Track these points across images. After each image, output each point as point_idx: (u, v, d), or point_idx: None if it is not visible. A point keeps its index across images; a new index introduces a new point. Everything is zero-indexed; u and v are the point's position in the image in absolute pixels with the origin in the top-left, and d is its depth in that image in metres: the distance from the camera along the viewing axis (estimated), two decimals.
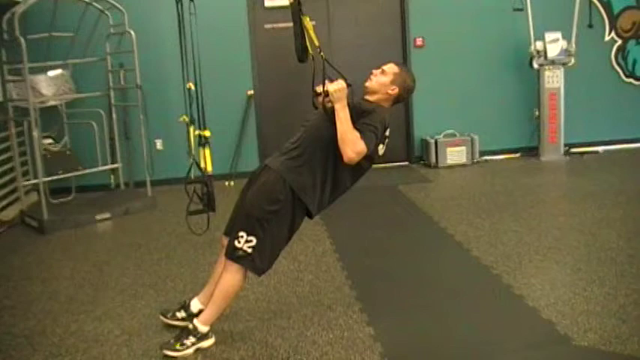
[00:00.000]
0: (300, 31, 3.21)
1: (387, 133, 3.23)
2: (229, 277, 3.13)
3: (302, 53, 3.25)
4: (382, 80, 3.26)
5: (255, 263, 3.11)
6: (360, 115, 3.10)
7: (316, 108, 3.13)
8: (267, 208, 3.07)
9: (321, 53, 3.14)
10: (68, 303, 4.00)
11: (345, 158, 3.00)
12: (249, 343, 3.27)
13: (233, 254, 3.09)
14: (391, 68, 3.30)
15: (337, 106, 3.03)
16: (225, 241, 3.28)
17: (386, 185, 6.73)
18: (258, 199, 3.12)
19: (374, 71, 3.32)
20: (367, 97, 3.29)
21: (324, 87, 3.06)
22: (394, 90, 3.26)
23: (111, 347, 3.33)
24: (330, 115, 3.08)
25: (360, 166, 3.17)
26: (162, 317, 3.53)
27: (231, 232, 3.17)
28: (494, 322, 3.43)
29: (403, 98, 3.37)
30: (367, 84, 3.30)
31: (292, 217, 3.13)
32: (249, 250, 3.06)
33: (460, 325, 3.40)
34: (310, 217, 3.24)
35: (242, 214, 3.17)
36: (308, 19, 3.18)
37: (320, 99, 3.11)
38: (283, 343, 3.26)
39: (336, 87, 3.03)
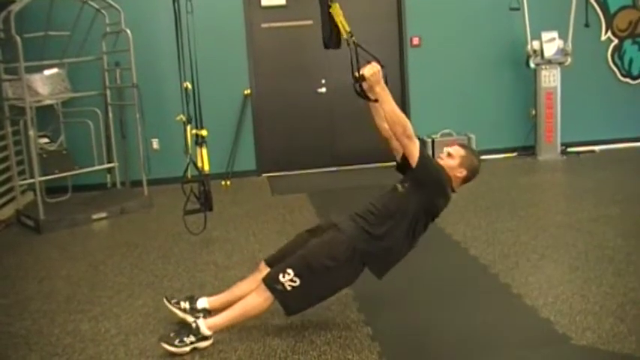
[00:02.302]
0: (327, 18, 3.19)
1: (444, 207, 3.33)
2: (258, 301, 3.18)
3: (328, 40, 3.23)
4: (450, 164, 3.32)
5: (289, 302, 3.16)
6: None
7: (359, 94, 3.13)
8: (324, 262, 3.14)
9: (353, 38, 3.13)
10: (65, 302, 3.98)
11: (397, 136, 3.12)
12: (246, 342, 3.26)
13: (272, 284, 3.14)
14: (458, 151, 3.35)
15: (377, 89, 3.06)
16: (264, 268, 3.36)
17: (383, 185, 6.65)
18: (320, 250, 3.19)
19: (441, 155, 3.39)
20: None
21: (359, 72, 3.05)
22: (462, 172, 3.32)
23: (108, 347, 3.32)
24: (371, 99, 3.11)
25: (429, 223, 3.32)
26: (165, 300, 3.54)
27: (280, 264, 3.20)
28: (492, 321, 3.42)
29: (470, 179, 3.42)
30: None
31: (344, 279, 3.24)
32: (289, 288, 3.11)
33: (458, 324, 3.40)
34: (379, 278, 3.34)
35: (299, 255, 3.22)
36: (338, 5, 3.17)
37: (358, 85, 3.10)
38: (281, 342, 3.25)
39: (372, 70, 3.04)
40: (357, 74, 3.06)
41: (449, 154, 3.35)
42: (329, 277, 3.17)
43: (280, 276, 3.12)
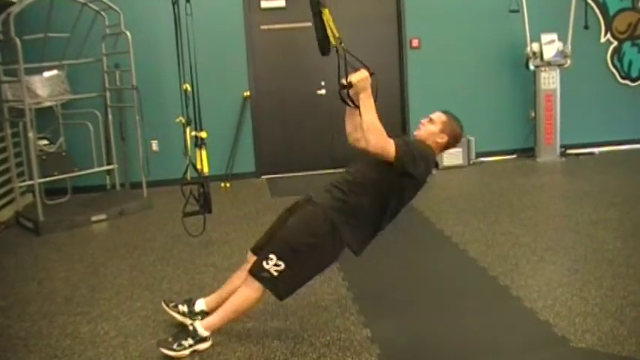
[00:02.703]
0: (320, 23, 3.18)
1: (428, 178, 3.27)
2: (247, 293, 3.14)
3: (324, 46, 3.22)
4: (431, 129, 3.30)
5: (278, 287, 3.11)
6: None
7: (344, 101, 3.11)
8: (304, 240, 3.09)
9: (342, 44, 3.12)
10: (64, 304, 3.98)
11: (367, 145, 2.98)
12: (245, 344, 3.26)
13: (258, 273, 3.10)
14: (439, 117, 3.34)
15: (362, 96, 3.03)
16: (251, 257, 3.32)
17: None
18: (298, 228, 3.14)
19: (422, 120, 3.36)
20: None
21: (346, 78, 3.04)
22: (443, 138, 3.30)
23: (107, 349, 3.32)
24: (356, 106, 3.06)
25: (406, 198, 3.24)
26: (163, 304, 3.54)
27: (262, 251, 3.17)
28: (491, 323, 3.42)
29: (451, 146, 3.40)
30: (416, 132, 3.34)
31: (328, 253, 3.16)
32: (275, 274, 3.07)
33: (458, 326, 3.40)
34: (356, 254, 3.25)
35: (278, 237, 3.18)
36: (328, 11, 3.16)
37: (345, 91, 3.08)
38: (280, 344, 3.25)
39: (360, 77, 3.03)
40: (344, 81, 3.05)
41: (430, 120, 3.32)
42: (312, 254, 3.11)
43: (264, 263, 3.07)
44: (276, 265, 3.06)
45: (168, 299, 3.60)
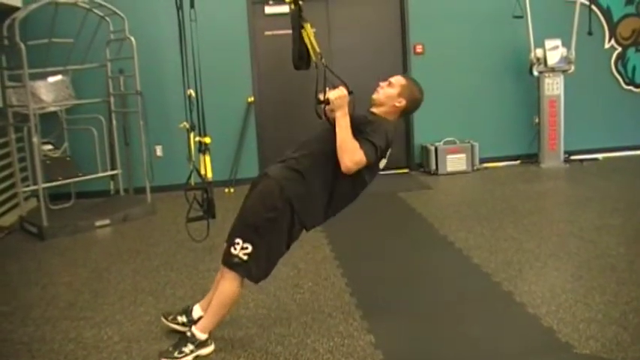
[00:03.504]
0: (297, 37, 3.18)
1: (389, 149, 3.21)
2: (226, 285, 3.12)
3: (298, 60, 3.22)
4: (389, 92, 3.24)
5: (251, 271, 3.08)
6: (364, 126, 3.07)
7: (319, 116, 3.11)
8: (264, 216, 3.05)
9: (322, 60, 3.12)
10: (67, 309, 3.98)
11: (343, 167, 2.98)
12: (249, 350, 3.26)
13: (229, 261, 3.08)
14: (398, 80, 3.27)
15: (338, 114, 3.01)
16: None
17: (386, 192, 6.70)
18: (256, 205, 3.12)
19: (381, 83, 3.29)
20: (373, 110, 3.26)
21: (324, 94, 3.04)
22: (401, 102, 3.24)
23: (110, 354, 3.32)
24: (332, 123, 3.05)
25: (362, 178, 3.15)
26: (163, 319, 3.52)
27: (229, 238, 3.15)
28: (495, 329, 3.41)
29: (410, 111, 3.35)
30: (374, 96, 3.26)
31: (290, 226, 3.09)
32: (245, 258, 3.04)
33: (461, 332, 3.39)
34: (306, 229, 3.20)
35: (240, 220, 3.16)
36: (309, 25, 3.16)
37: (322, 107, 3.08)
38: (283, 350, 3.25)
39: (337, 94, 3.01)
40: (320, 97, 3.04)
41: (389, 83, 3.26)
42: (275, 229, 3.06)
43: (232, 250, 3.05)
44: (243, 248, 3.03)
45: (166, 312, 3.57)
